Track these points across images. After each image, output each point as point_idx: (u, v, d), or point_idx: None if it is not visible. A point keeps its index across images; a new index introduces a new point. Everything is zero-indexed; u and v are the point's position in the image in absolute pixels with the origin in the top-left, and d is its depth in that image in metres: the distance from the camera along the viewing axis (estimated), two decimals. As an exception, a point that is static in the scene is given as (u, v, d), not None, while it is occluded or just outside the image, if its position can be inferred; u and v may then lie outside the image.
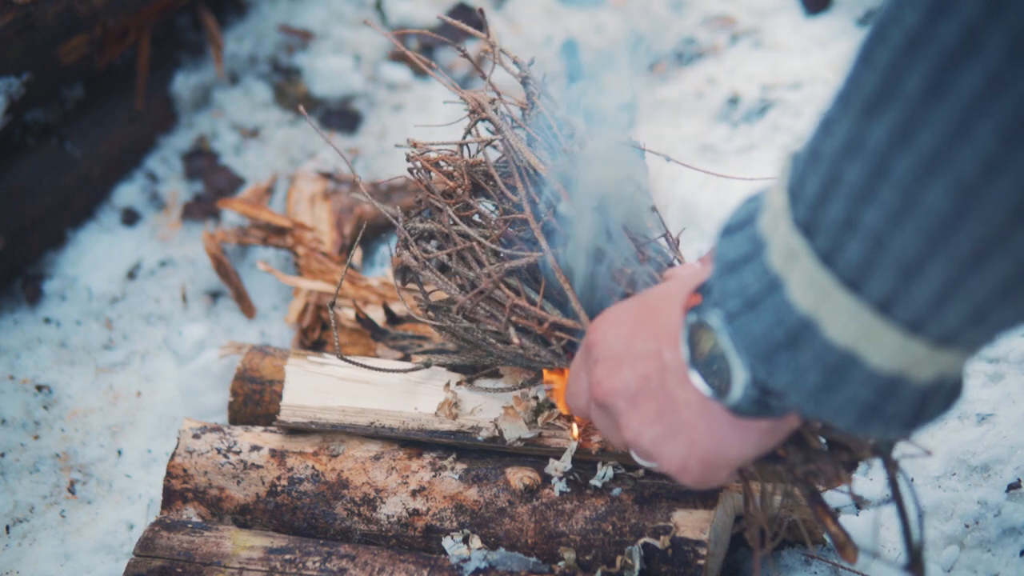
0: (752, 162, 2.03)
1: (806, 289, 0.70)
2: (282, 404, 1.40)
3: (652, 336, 0.89)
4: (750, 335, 0.74)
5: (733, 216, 0.78)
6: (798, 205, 0.70)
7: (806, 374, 0.72)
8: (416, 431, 1.36)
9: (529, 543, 1.28)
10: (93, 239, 1.96)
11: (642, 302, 0.94)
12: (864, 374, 0.70)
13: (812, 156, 0.69)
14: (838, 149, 0.67)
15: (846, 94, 0.67)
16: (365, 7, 2.40)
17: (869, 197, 0.65)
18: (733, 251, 0.76)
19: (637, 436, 0.90)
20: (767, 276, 0.72)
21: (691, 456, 0.87)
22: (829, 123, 0.69)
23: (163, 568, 1.30)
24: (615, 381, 0.91)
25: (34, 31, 1.76)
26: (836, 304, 0.68)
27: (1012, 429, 1.41)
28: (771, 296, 0.72)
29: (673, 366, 0.86)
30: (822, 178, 0.68)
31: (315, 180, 1.99)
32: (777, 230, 0.72)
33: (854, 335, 0.69)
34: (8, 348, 1.77)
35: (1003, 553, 1.32)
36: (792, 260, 0.70)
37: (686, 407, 0.86)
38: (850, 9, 2.34)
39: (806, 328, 0.70)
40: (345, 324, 1.68)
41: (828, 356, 0.70)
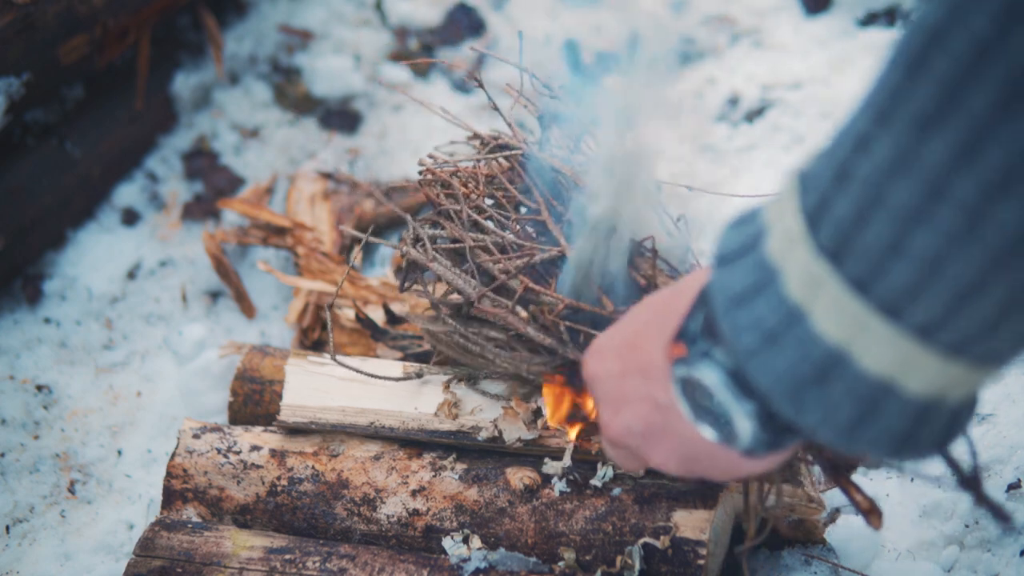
0: (752, 162, 2.04)
1: (835, 319, 0.65)
2: (282, 404, 1.40)
3: (640, 377, 0.85)
4: (772, 373, 0.68)
5: (724, 243, 0.73)
6: (821, 229, 0.65)
7: (838, 409, 0.67)
8: (416, 431, 1.36)
9: (529, 543, 1.28)
10: (93, 239, 1.96)
11: (623, 336, 0.90)
12: (901, 402, 0.66)
13: (840, 176, 0.64)
14: (880, 168, 0.61)
15: (886, 109, 0.61)
16: (365, 7, 2.40)
17: (923, 219, 0.59)
18: (737, 282, 0.70)
19: (662, 464, 0.89)
20: (784, 306, 0.67)
21: (718, 470, 0.85)
22: (863, 139, 0.62)
23: (163, 568, 1.30)
24: (619, 424, 0.89)
25: (34, 31, 1.76)
26: (871, 333, 0.64)
27: (1012, 429, 1.41)
28: (792, 329, 0.67)
29: (667, 406, 0.83)
30: (857, 200, 0.62)
31: (315, 180, 1.99)
32: (792, 256, 0.66)
33: (891, 364, 0.64)
34: (8, 348, 1.77)
35: (1003, 553, 1.32)
36: (815, 288, 0.65)
37: (696, 441, 0.82)
38: (850, 9, 2.34)
39: (837, 361, 0.66)
40: (345, 324, 1.68)
41: (861, 388, 0.66)
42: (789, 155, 2.03)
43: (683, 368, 0.78)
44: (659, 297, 0.87)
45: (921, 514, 1.37)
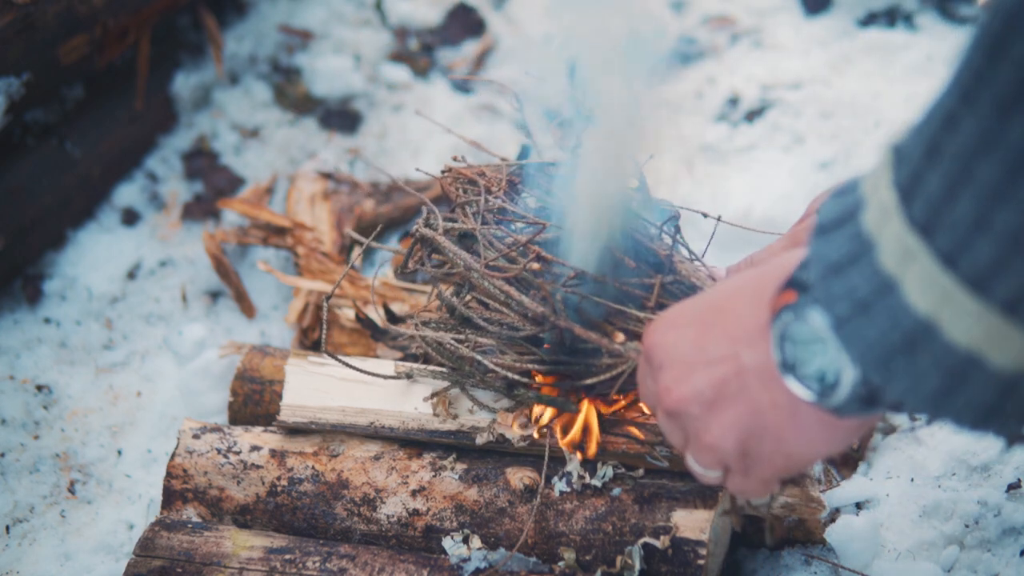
0: (752, 162, 2.04)
1: (925, 291, 0.67)
2: (282, 404, 1.40)
3: (726, 337, 0.84)
4: (863, 340, 0.71)
5: (825, 213, 0.75)
6: (914, 203, 0.67)
7: (926, 379, 0.69)
8: (416, 431, 1.36)
9: (529, 543, 1.28)
10: (93, 239, 1.96)
11: (707, 302, 0.90)
12: (986, 375, 0.67)
13: (931, 152, 0.66)
14: (967, 146, 0.63)
15: (970, 89, 0.63)
16: (365, 7, 2.40)
17: (1007, 197, 0.62)
18: (834, 251, 0.72)
19: (720, 440, 0.86)
20: (878, 277, 0.69)
21: (777, 454, 0.84)
22: (951, 118, 0.64)
23: (163, 568, 1.30)
24: (686, 388, 0.87)
25: (34, 31, 1.76)
26: (959, 306, 0.66)
27: (1012, 429, 1.41)
28: (885, 299, 0.69)
29: (754, 368, 0.82)
30: (948, 176, 0.64)
31: (315, 180, 1.99)
32: (888, 229, 0.68)
33: (978, 337, 0.66)
34: (8, 348, 1.77)
35: (1003, 553, 1.32)
36: (908, 261, 0.67)
37: (772, 409, 0.82)
38: (850, 9, 2.34)
39: (926, 331, 0.67)
40: (345, 324, 1.68)
41: (949, 359, 0.68)
42: (789, 155, 2.03)
43: (790, 314, 0.78)
44: (750, 271, 0.88)
45: (921, 514, 1.37)
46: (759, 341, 0.82)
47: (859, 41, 2.26)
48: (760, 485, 0.89)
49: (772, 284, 0.82)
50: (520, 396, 1.29)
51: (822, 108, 2.09)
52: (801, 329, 0.78)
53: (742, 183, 1.98)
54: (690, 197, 1.92)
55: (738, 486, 0.90)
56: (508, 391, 1.30)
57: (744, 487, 0.90)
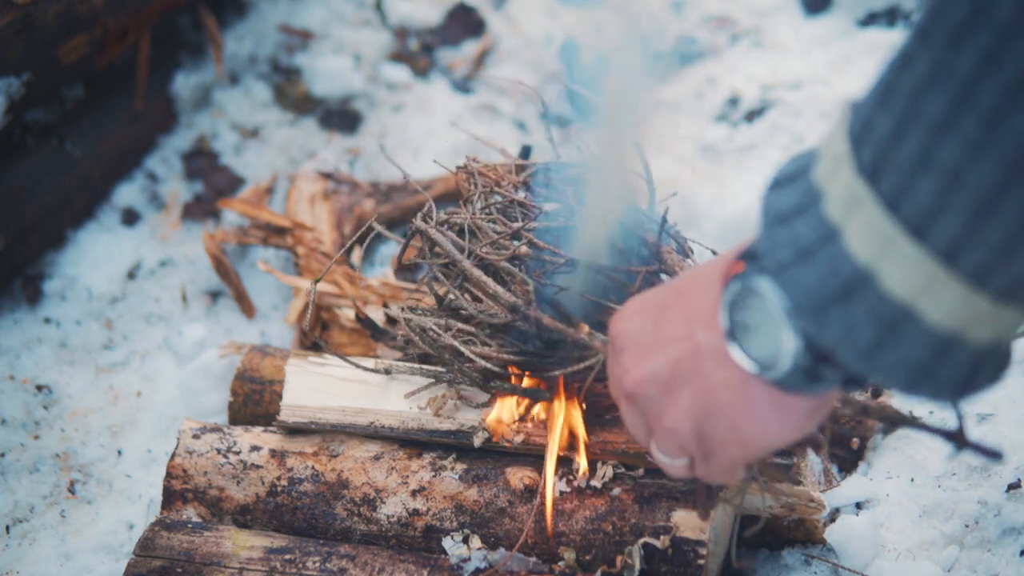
0: (752, 162, 2.03)
1: (867, 237, 0.67)
2: (282, 404, 1.40)
3: (683, 319, 0.84)
4: (801, 287, 0.71)
5: (781, 170, 0.75)
6: (863, 149, 0.67)
7: (859, 329, 0.69)
8: (416, 431, 1.36)
9: (529, 543, 1.28)
10: (93, 239, 1.96)
11: (669, 287, 0.90)
12: (920, 331, 0.67)
13: (884, 95, 0.66)
14: (918, 82, 0.64)
15: (927, 28, 0.64)
16: (365, 7, 2.40)
17: (949, 129, 0.62)
18: (783, 203, 0.73)
19: (677, 423, 0.85)
20: (823, 226, 0.69)
21: (732, 437, 0.83)
22: (906, 58, 0.65)
23: (163, 568, 1.30)
24: (643, 369, 0.86)
25: (34, 31, 1.76)
26: (898, 253, 0.66)
27: (1012, 429, 1.41)
28: (826, 246, 0.69)
29: (708, 347, 0.81)
30: (897, 114, 0.65)
31: (315, 180, 1.99)
32: (837, 178, 0.69)
33: (914, 287, 0.66)
34: (8, 348, 1.77)
35: (1003, 553, 1.32)
36: (853, 207, 0.67)
37: (724, 389, 0.81)
38: (850, 9, 2.34)
39: (863, 279, 0.67)
40: (345, 324, 1.68)
41: (884, 310, 0.67)
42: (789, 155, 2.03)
43: (737, 283, 0.78)
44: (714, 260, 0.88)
45: (921, 514, 1.37)
46: (713, 320, 0.81)
47: (859, 41, 2.26)
48: (722, 472, 0.88)
49: (726, 261, 0.83)
50: (496, 387, 1.31)
51: (822, 108, 2.09)
52: (747, 296, 0.77)
53: (742, 183, 1.98)
54: (690, 197, 1.92)
55: (702, 473, 0.89)
56: (484, 383, 1.30)
57: (708, 474, 0.89)
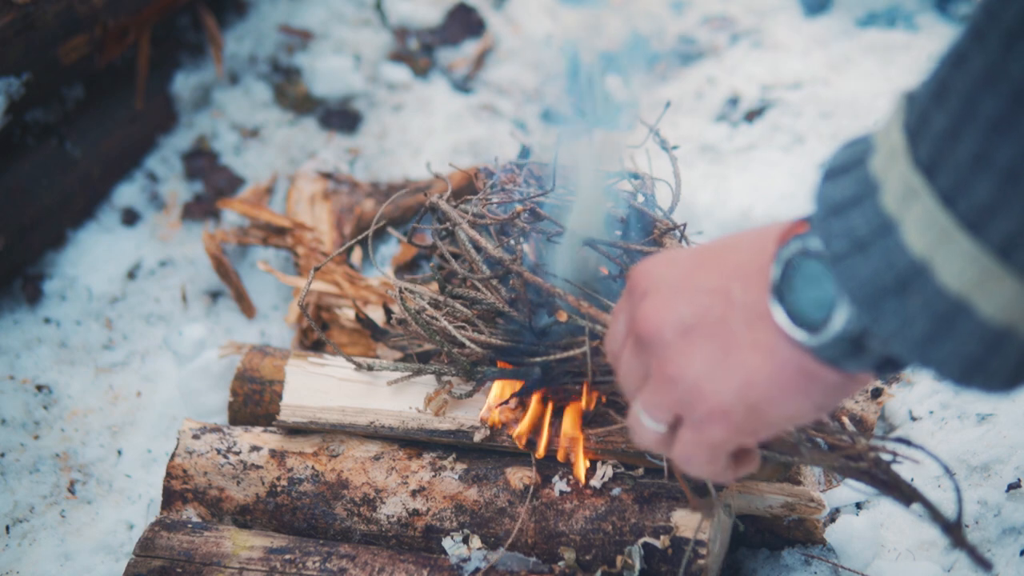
0: (752, 162, 2.03)
1: (923, 231, 0.67)
2: (282, 404, 1.40)
3: (719, 272, 0.81)
4: (856, 278, 0.70)
5: (835, 159, 0.74)
6: (920, 143, 0.67)
7: (914, 322, 0.69)
8: (416, 430, 1.36)
9: (529, 543, 1.28)
10: (93, 239, 1.96)
11: (707, 245, 0.87)
12: (974, 324, 0.67)
13: (939, 92, 0.66)
14: (973, 82, 0.64)
15: (981, 27, 0.64)
16: (365, 7, 2.40)
17: (1007, 130, 0.62)
18: (839, 193, 0.72)
19: (681, 370, 0.81)
20: (879, 218, 0.69)
21: (742, 400, 0.79)
22: (961, 56, 0.65)
23: (163, 568, 1.30)
24: (666, 313, 0.82)
25: (34, 31, 1.76)
26: (954, 247, 0.66)
27: (1012, 429, 1.41)
28: (882, 238, 0.69)
29: (743, 304, 0.79)
30: (953, 113, 0.65)
31: (315, 180, 1.99)
32: (893, 170, 0.69)
33: (970, 281, 0.66)
34: (8, 348, 1.77)
35: (1003, 553, 1.32)
36: (910, 200, 0.67)
37: (750, 348, 0.78)
38: (850, 9, 2.34)
39: (918, 273, 0.67)
40: (345, 324, 1.68)
41: (939, 304, 0.67)
42: (789, 155, 2.03)
43: (799, 243, 0.77)
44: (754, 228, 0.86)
45: (921, 514, 1.37)
46: (754, 280, 0.79)
47: (859, 41, 2.26)
48: (708, 450, 0.83)
49: (780, 226, 0.80)
50: (480, 373, 1.31)
51: (822, 108, 2.09)
52: (804, 257, 0.76)
53: (742, 183, 1.98)
54: (690, 197, 1.92)
55: (684, 448, 0.84)
56: (471, 370, 1.31)
57: (691, 450, 0.84)
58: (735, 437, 0.81)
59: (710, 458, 0.83)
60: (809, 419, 0.81)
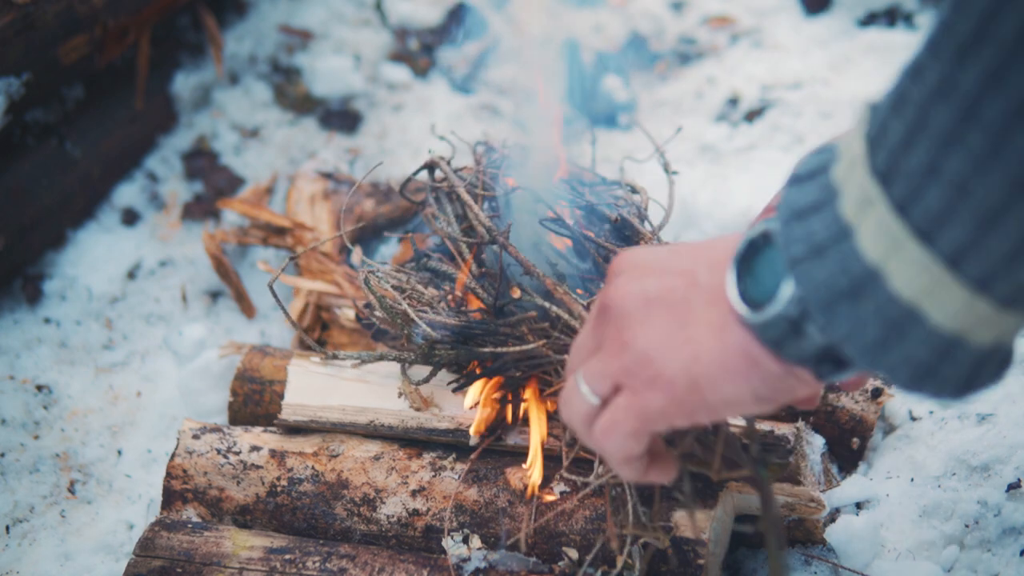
0: (752, 162, 2.03)
1: (877, 238, 0.69)
2: (283, 403, 1.40)
3: (690, 259, 0.85)
4: (812, 281, 0.73)
5: (802, 165, 0.77)
6: (878, 152, 0.69)
7: (865, 327, 0.71)
8: (415, 429, 1.36)
9: (529, 543, 1.28)
10: (93, 239, 1.96)
11: (691, 242, 0.91)
12: (924, 332, 0.69)
13: (897, 102, 0.69)
14: (927, 94, 0.66)
15: (937, 40, 0.66)
16: (365, 7, 2.40)
17: (956, 142, 0.64)
18: (802, 199, 0.74)
19: (635, 337, 0.84)
20: (837, 224, 0.71)
21: (686, 372, 0.81)
22: (918, 68, 0.67)
23: (163, 568, 1.30)
24: (633, 286, 0.86)
25: (34, 31, 1.76)
26: (906, 255, 0.68)
27: (1012, 429, 1.41)
28: (839, 244, 0.71)
29: (705, 286, 0.82)
30: (907, 123, 0.67)
31: (315, 180, 1.99)
32: (852, 178, 0.71)
33: (920, 289, 0.68)
34: (8, 348, 1.77)
35: (1003, 553, 1.32)
36: (866, 208, 0.69)
37: (704, 325, 0.81)
38: (850, 9, 2.34)
39: (871, 278, 0.69)
40: (345, 324, 1.68)
41: (890, 310, 0.69)
42: (789, 155, 2.03)
43: (763, 225, 0.79)
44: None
45: (921, 514, 1.37)
46: (720, 267, 0.82)
47: (859, 41, 2.26)
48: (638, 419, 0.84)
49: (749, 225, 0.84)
50: (438, 356, 1.32)
51: (822, 108, 2.09)
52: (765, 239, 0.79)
53: (742, 183, 1.98)
54: (691, 197, 1.92)
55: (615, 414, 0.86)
56: (428, 354, 1.32)
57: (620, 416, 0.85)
58: (671, 410, 0.83)
59: (635, 430, 0.85)
60: (748, 409, 0.83)
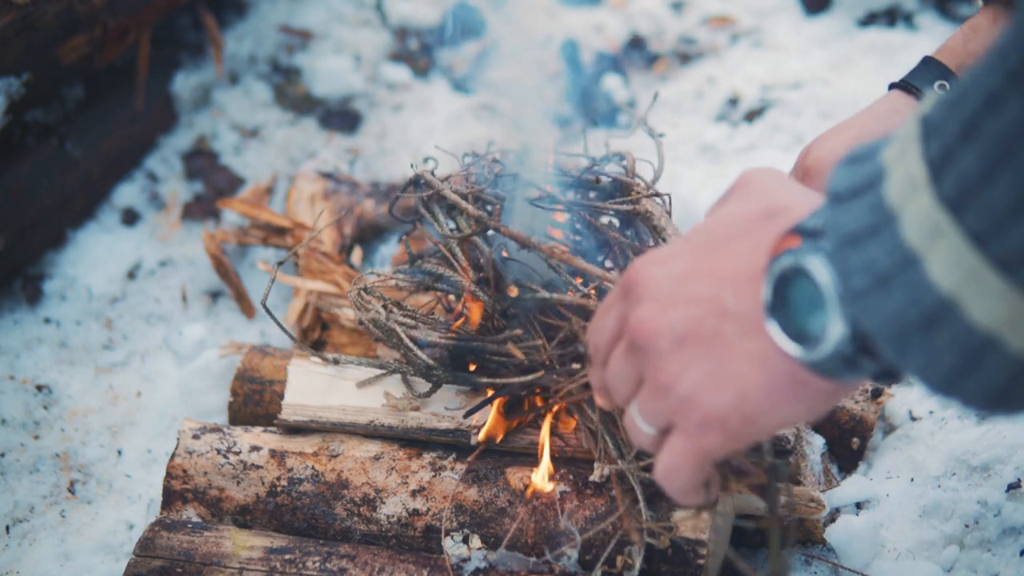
0: (752, 162, 2.04)
1: (950, 269, 0.66)
2: (283, 403, 1.40)
3: (712, 278, 0.82)
4: (880, 315, 0.69)
5: (839, 181, 0.73)
6: (945, 180, 0.66)
7: (941, 358, 0.68)
8: (415, 429, 1.36)
9: (529, 543, 1.28)
10: (93, 239, 1.96)
11: (703, 235, 0.86)
12: (1003, 358, 0.67)
13: (969, 129, 0.65)
14: (1009, 128, 0.62)
15: (1017, 70, 0.62)
16: (365, 7, 2.40)
17: None
18: (852, 221, 0.70)
19: (675, 380, 0.81)
20: (900, 251, 0.68)
21: (736, 410, 0.79)
22: (994, 98, 0.63)
23: (163, 568, 1.30)
24: (660, 322, 0.83)
25: (34, 31, 1.76)
26: (984, 285, 0.65)
27: (1012, 429, 1.41)
28: (905, 273, 0.68)
29: (737, 314, 0.79)
30: (984, 156, 0.64)
31: (315, 180, 1.99)
32: (914, 202, 0.67)
33: (999, 318, 0.65)
34: (8, 348, 1.77)
35: (1003, 553, 1.32)
36: (935, 236, 0.66)
37: (744, 358, 0.78)
38: (850, 9, 2.34)
39: (947, 310, 0.66)
40: (345, 324, 1.68)
41: (968, 339, 0.67)
42: (789, 155, 2.03)
43: (791, 258, 0.76)
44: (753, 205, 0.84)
45: (921, 514, 1.37)
46: (747, 287, 0.79)
47: (859, 41, 2.26)
48: (699, 457, 0.83)
49: (775, 229, 0.80)
50: (436, 376, 1.33)
51: (822, 108, 2.09)
52: (796, 274, 0.75)
53: (742, 183, 1.97)
54: (691, 197, 1.92)
55: (674, 456, 0.84)
56: (426, 372, 1.33)
57: (680, 459, 0.84)
58: (729, 444, 0.82)
59: (697, 467, 0.84)
60: (802, 422, 0.81)
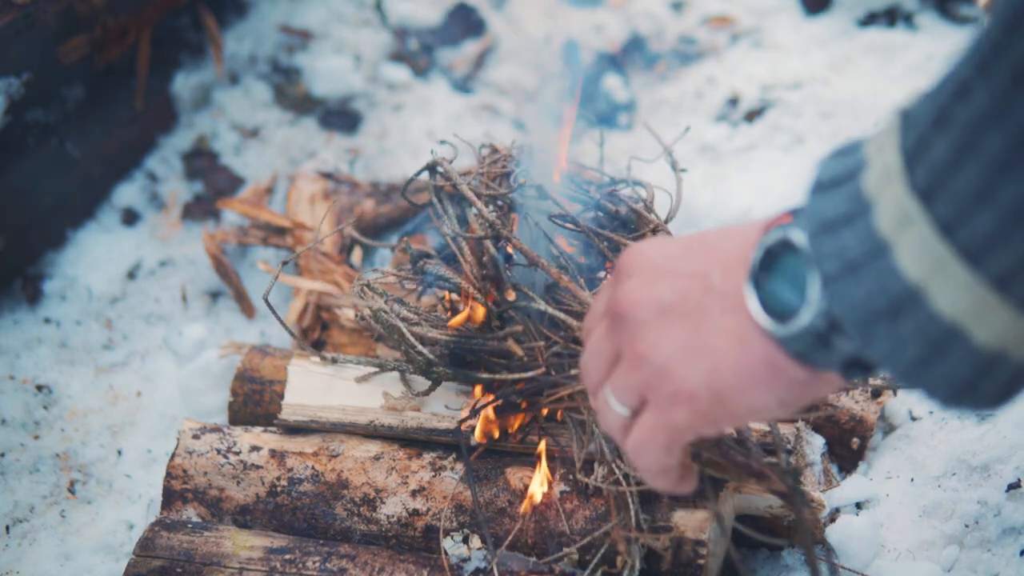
0: (752, 162, 2.04)
1: (918, 257, 0.66)
2: (283, 403, 1.40)
3: (704, 258, 0.82)
4: (848, 300, 0.70)
5: (825, 171, 0.74)
6: (917, 169, 0.67)
7: (906, 346, 0.69)
8: (415, 429, 1.36)
9: (529, 543, 1.28)
10: (93, 239, 1.96)
11: (701, 234, 0.87)
12: (967, 350, 0.67)
13: (940, 118, 0.66)
14: (978, 116, 0.63)
15: (987, 60, 0.63)
16: (365, 7, 2.40)
17: (1010, 169, 0.62)
18: (830, 209, 0.72)
19: (652, 349, 0.82)
20: (872, 240, 0.69)
21: (707, 386, 0.79)
22: (964, 86, 0.64)
23: (163, 568, 1.30)
24: (645, 292, 0.83)
25: (34, 31, 1.76)
26: (949, 275, 0.65)
27: (1012, 429, 1.41)
28: (875, 261, 0.68)
29: (720, 291, 0.79)
30: (955, 144, 0.65)
31: (315, 180, 1.99)
32: (887, 192, 0.68)
33: (964, 310, 0.66)
34: (8, 348, 1.77)
35: (1003, 553, 1.32)
36: (905, 225, 0.67)
37: (722, 334, 0.79)
38: (850, 9, 2.34)
39: (913, 298, 0.67)
40: (345, 324, 1.68)
41: (932, 329, 0.67)
42: (789, 155, 2.03)
43: (780, 231, 0.77)
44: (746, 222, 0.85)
45: (921, 514, 1.37)
46: (735, 268, 0.79)
47: (859, 41, 2.26)
48: (667, 434, 0.82)
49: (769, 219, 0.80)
50: (435, 374, 1.33)
51: (822, 108, 2.09)
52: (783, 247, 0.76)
53: (742, 183, 1.98)
54: (691, 197, 1.92)
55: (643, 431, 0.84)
56: (426, 370, 1.32)
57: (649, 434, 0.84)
58: (697, 423, 0.81)
59: (667, 445, 0.84)
60: (773, 415, 0.81)
